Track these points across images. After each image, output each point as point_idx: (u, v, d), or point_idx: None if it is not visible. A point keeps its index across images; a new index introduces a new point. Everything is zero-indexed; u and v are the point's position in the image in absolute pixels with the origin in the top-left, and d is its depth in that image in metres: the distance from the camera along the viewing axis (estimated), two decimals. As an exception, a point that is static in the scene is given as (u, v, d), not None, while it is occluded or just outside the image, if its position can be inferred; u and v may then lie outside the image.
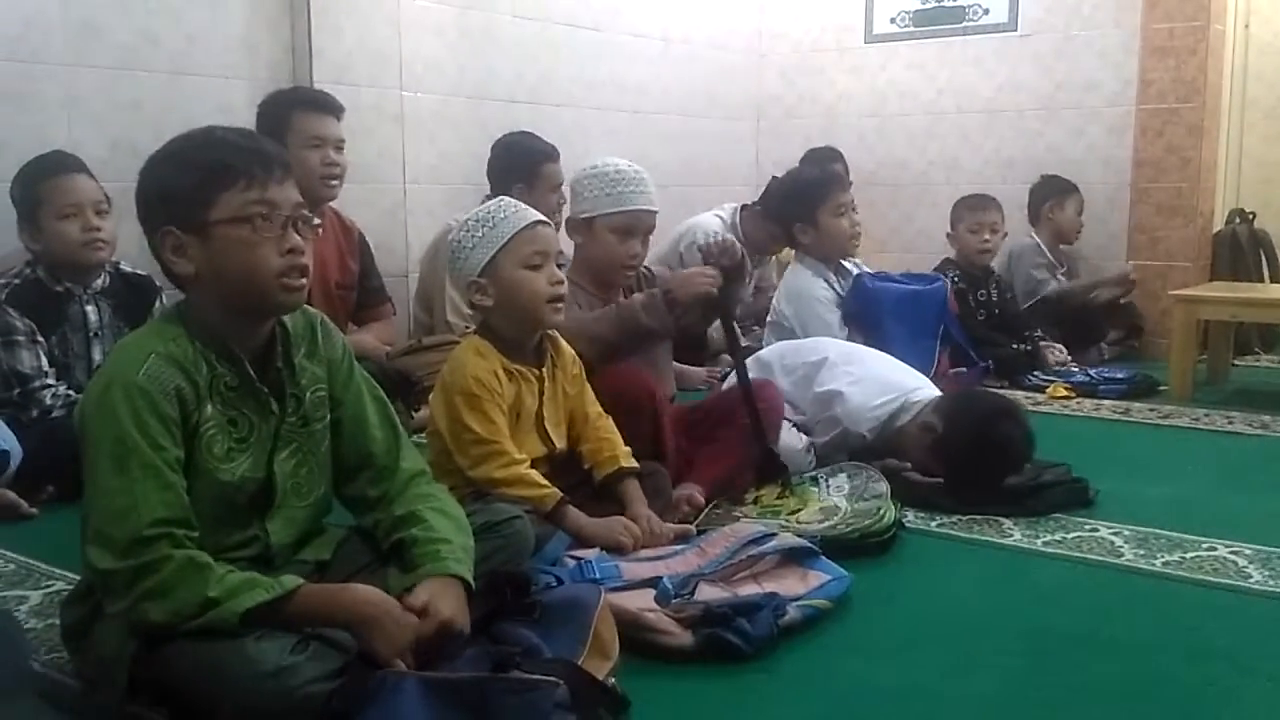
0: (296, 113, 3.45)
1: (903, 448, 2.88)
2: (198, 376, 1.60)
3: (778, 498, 2.57)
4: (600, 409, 2.42)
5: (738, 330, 2.93)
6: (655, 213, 2.73)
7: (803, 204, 3.84)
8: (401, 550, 1.71)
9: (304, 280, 1.63)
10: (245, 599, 1.49)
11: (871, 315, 3.80)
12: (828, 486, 2.59)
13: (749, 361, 3.20)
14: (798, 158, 5.57)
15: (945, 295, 4.04)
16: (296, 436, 1.73)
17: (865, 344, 3.54)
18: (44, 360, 2.89)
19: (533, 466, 2.22)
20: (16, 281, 2.94)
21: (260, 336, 1.68)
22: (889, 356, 3.24)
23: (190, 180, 1.59)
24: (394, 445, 1.82)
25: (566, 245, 2.78)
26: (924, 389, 2.98)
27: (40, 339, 2.91)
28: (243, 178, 1.58)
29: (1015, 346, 4.47)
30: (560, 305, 2.28)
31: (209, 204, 1.58)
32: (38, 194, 2.96)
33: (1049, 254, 5.00)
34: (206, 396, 1.61)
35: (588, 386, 2.42)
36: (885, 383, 2.98)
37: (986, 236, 4.66)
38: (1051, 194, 5.03)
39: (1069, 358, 4.57)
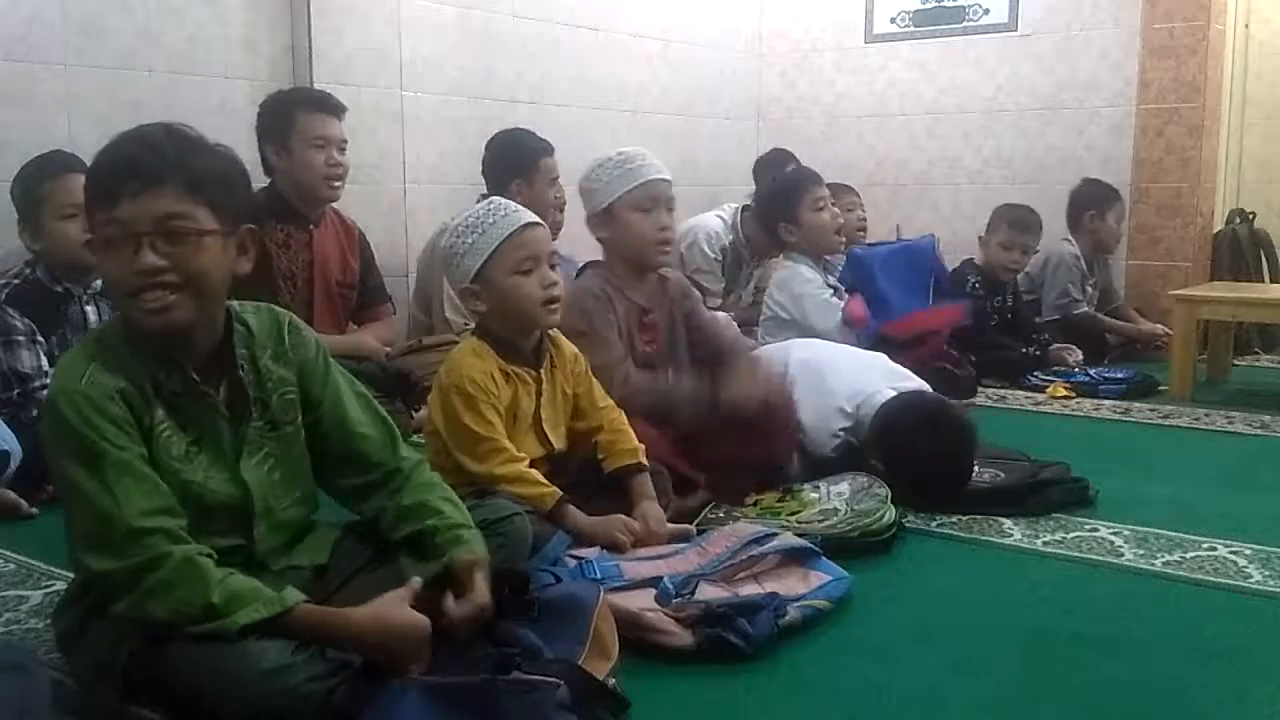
0: (300, 113, 3.45)
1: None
2: (142, 380, 1.59)
3: (778, 501, 2.56)
4: (612, 402, 2.42)
5: None
6: (670, 181, 2.71)
7: (782, 204, 3.90)
8: (419, 541, 1.70)
9: (168, 298, 1.54)
10: (244, 614, 1.48)
11: (865, 277, 3.85)
12: (829, 493, 2.59)
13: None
14: (798, 158, 5.58)
15: (933, 248, 4.07)
16: (266, 441, 1.70)
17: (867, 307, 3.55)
18: (44, 360, 2.89)
19: (532, 467, 2.22)
20: (16, 282, 2.94)
21: (197, 344, 1.64)
22: (849, 352, 3.22)
23: (84, 196, 1.60)
24: (388, 438, 1.80)
25: (565, 244, 2.77)
26: (879, 392, 2.89)
27: (40, 339, 2.90)
28: (99, 196, 1.55)
29: (1025, 350, 4.46)
30: (556, 306, 2.28)
31: (90, 222, 1.58)
32: (39, 194, 2.96)
33: (1084, 264, 4.92)
34: (155, 400, 1.59)
35: (595, 381, 2.42)
36: (837, 393, 2.92)
37: (1017, 257, 4.63)
38: (1093, 203, 4.92)
39: (1081, 357, 4.55)
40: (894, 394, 2.88)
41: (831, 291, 3.88)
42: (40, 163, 3.03)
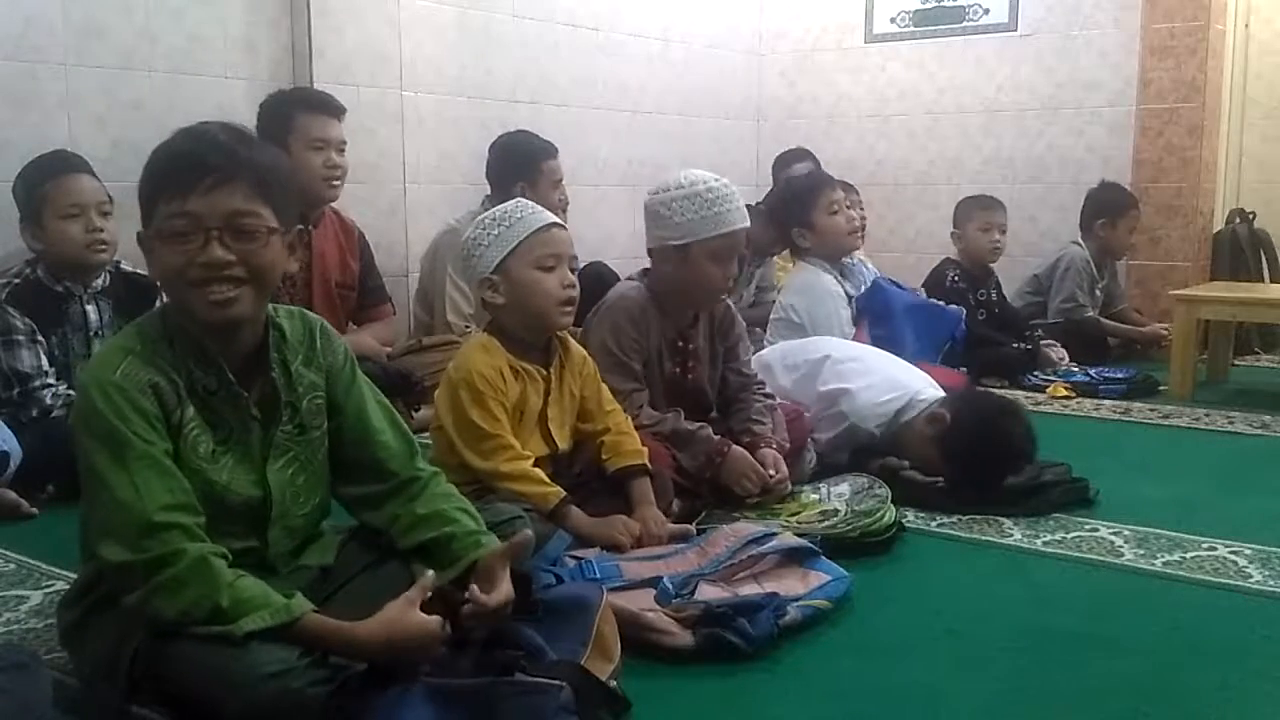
0: (299, 114, 3.45)
1: (906, 445, 2.88)
2: (176, 377, 1.59)
3: (778, 502, 2.56)
4: (618, 405, 2.42)
5: None
6: (749, 227, 2.62)
7: (797, 208, 3.84)
8: (433, 548, 1.69)
9: (232, 294, 1.56)
10: (250, 620, 1.48)
11: (885, 313, 3.82)
12: (829, 494, 2.59)
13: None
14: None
15: (959, 320, 4.06)
16: (293, 445, 1.71)
17: (874, 343, 3.54)
18: (44, 360, 2.89)
19: (535, 466, 2.22)
20: (17, 281, 2.93)
21: (241, 342, 1.65)
22: (892, 356, 3.24)
23: (143, 187, 1.60)
24: (406, 449, 1.79)
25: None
26: (929, 390, 2.96)
27: (40, 338, 2.90)
28: (169, 188, 1.55)
29: (1015, 345, 4.46)
30: (571, 309, 2.28)
31: (150, 213, 1.58)
32: (41, 193, 2.96)
33: (1094, 266, 4.91)
34: (187, 398, 1.60)
35: (603, 384, 2.42)
36: (891, 380, 2.97)
37: (997, 237, 4.63)
38: (1106, 212, 4.90)
39: (1065, 354, 4.55)
40: (942, 394, 2.93)
41: (848, 300, 3.86)
42: (43, 162, 3.03)
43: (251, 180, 1.57)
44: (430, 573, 1.60)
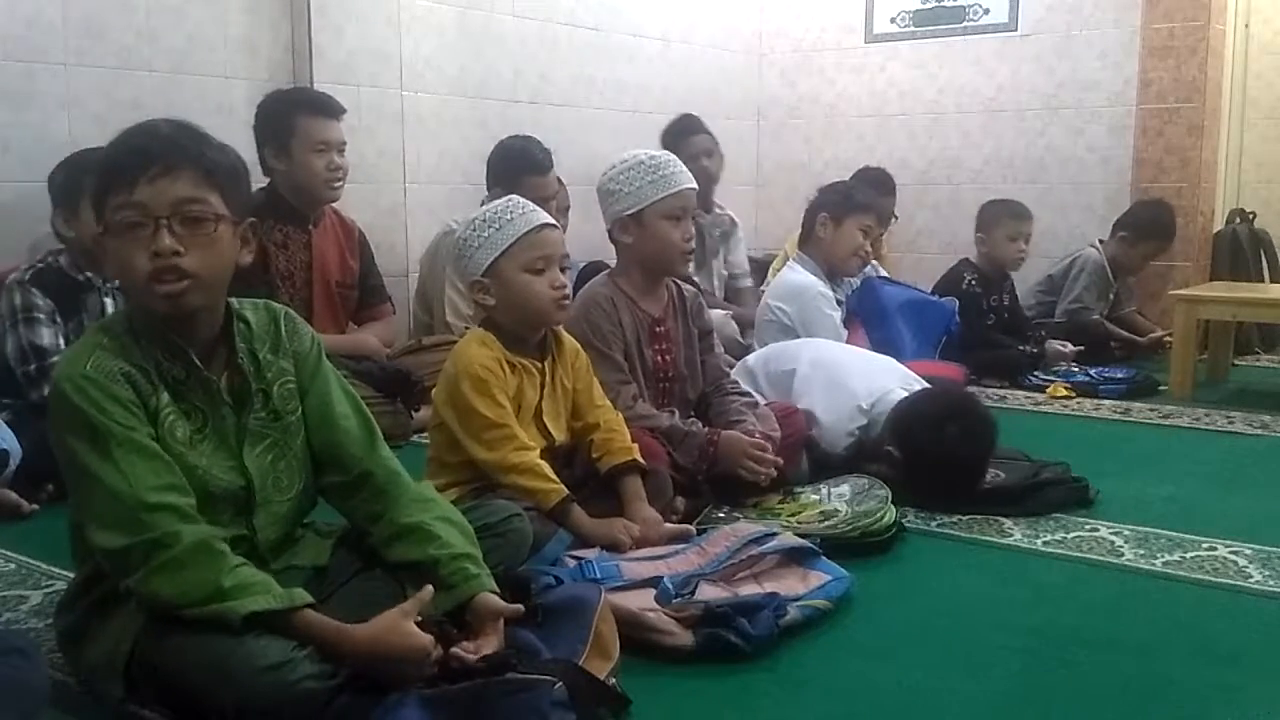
0: (301, 117, 3.43)
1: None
2: (146, 366, 1.61)
3: (779, 503, 2.56)
4: (609, 402, 2.42)
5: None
6: (695, 189, 2.67)
7: (840, 204, 3.83)
8: (419, 569, 1.68)
9: (182, 283, 1.56)
10: (254, 601, 1.48)
11: (879, 312, 3.82)
12: (829, 495, 2.59)
13: (736, 368, 3.20)
14: (798, 157, 5.59)
15: (953, 312, 4.05)
16: (270, 431, 1.72)
17: (873, 346, 3.53)
18: (61, 341, 2.90)
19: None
20: (40, 266, 2.96)
21: (200, 332, 1.66)
22: (861, 352, 3.22)
23: (95, 189, 1.61)
24: (368, 438, 1.79)
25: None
26: (893, 391, 2.91)
27: (59, 320, 2.92)
28: (115, 181, 1.57)
29: (1021, 349, 4.46)
30: (565, 302, 2.29)
31: (101, 210, 1.59)
32: (82, 184, 2.95)
33: (1110, 272, 4.90)
34: (160, 385, 1.61)
35: (595, 380, 2.42)
36: (856, 392, 2.93)
37: (1023, 246, 4.61)
38: (1129, 229, 4.88)
39: (1075, 350, 4.53)
40: (907, 394, 2.90)
41: (837, 304, 3.86)
42: (87, 154, 3.01)
43: (198, 168, 1.58)
44: (429, 587, 1.60)
